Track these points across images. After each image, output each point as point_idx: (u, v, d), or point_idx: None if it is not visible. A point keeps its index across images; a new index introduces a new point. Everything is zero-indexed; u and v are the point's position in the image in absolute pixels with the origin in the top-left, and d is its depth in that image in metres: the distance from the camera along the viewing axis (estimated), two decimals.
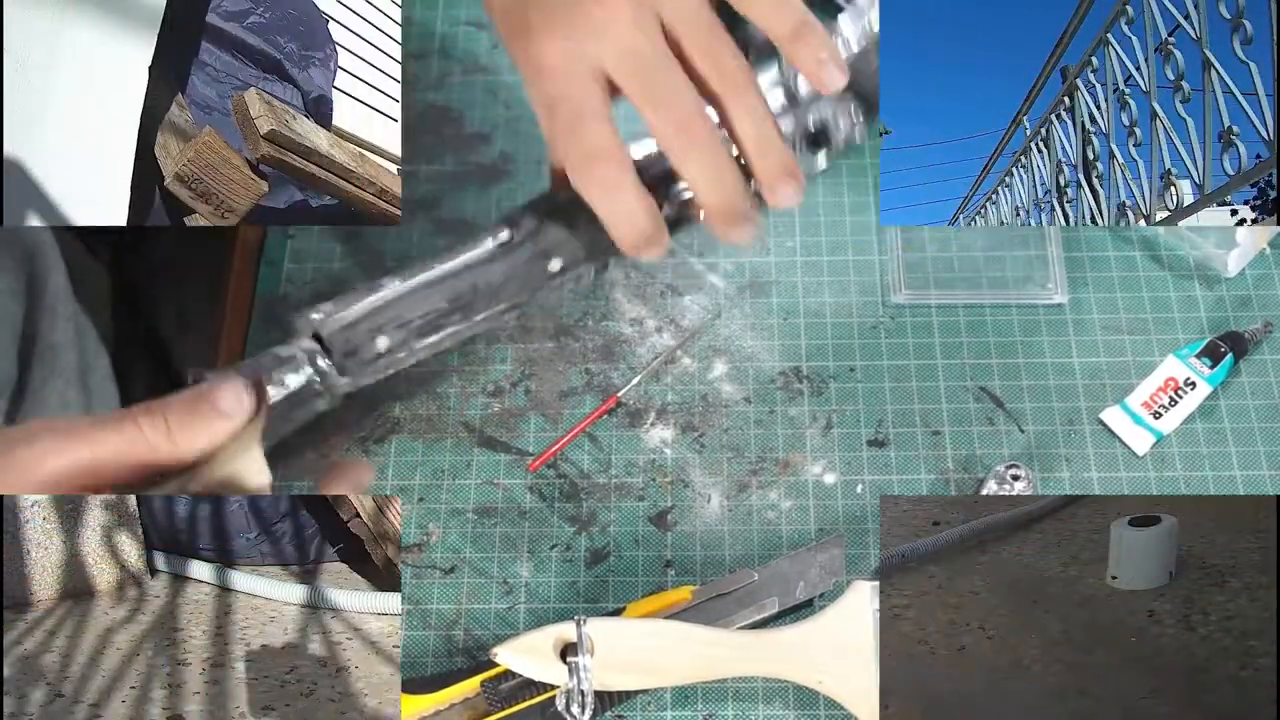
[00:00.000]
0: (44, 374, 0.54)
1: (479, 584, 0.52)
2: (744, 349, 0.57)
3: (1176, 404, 0.53)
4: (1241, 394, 0.54)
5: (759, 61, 0.34)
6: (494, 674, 0.44)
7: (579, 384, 0.57)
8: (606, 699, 0.45)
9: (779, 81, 0.34)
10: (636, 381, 0.56)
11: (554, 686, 0.42)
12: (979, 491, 0.51)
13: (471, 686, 0.44)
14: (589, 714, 0.41)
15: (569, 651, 0.41)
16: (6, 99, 0.87)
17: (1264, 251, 0.58)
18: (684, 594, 0.46)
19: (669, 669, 0.44)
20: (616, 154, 0.32)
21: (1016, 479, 0.50)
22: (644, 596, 0.47)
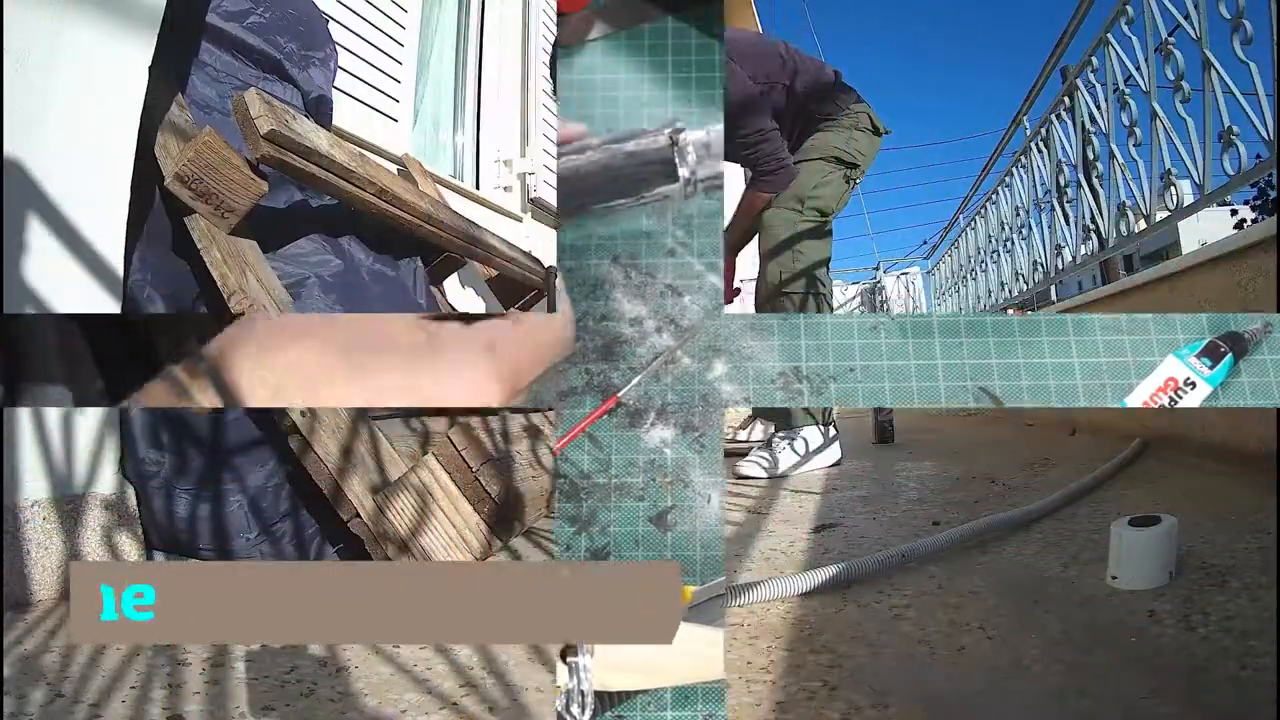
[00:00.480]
0: None
1: None
2: (744, 349, 0.57)
3: (1176, 404, 0.53)
4: (1241, 394, 0.54)
5: None
6: None
7: (579, 384, 0.57)
8: (606, 699, 0.45)
9: None
10: (636, 381, 0.56)
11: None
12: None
13: None
14: (589, 714, 0.41)
15: (569, 652, 0.41)
16: (6, 99, 0.87)
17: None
18: (684, 594, 0.46)
19: (669, 669, 0.44)
20: None
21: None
22: None
